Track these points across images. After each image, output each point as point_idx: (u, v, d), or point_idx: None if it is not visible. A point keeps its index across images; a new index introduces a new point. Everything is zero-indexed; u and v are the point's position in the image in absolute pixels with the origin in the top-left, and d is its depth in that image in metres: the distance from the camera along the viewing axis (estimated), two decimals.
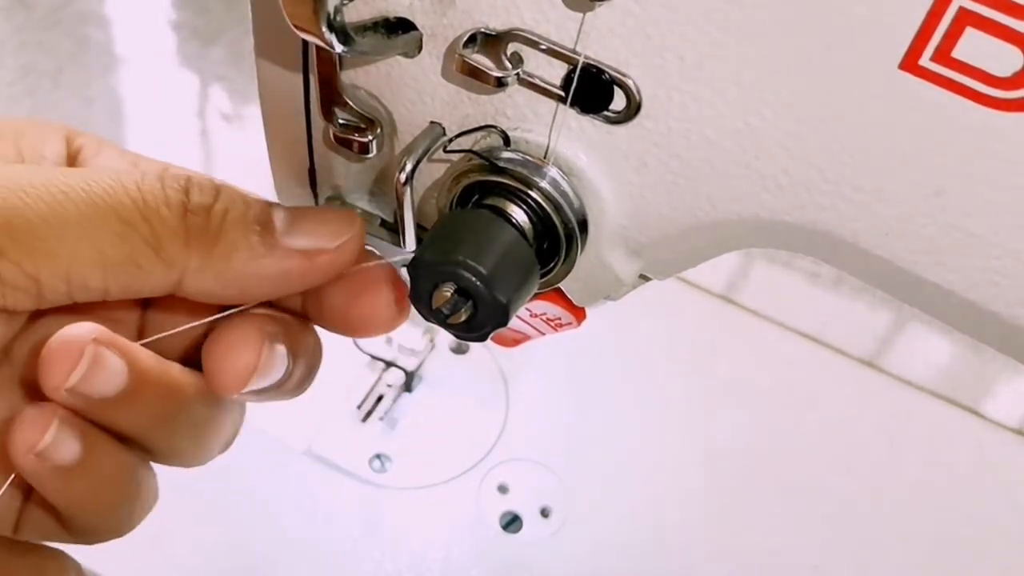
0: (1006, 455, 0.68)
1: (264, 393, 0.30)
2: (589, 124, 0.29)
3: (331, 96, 0.32)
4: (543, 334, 0.38)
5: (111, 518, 0.31)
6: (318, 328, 0.34)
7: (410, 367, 0.63)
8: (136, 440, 0.30)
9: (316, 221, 0.30)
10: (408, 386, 0.64)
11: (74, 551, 0.53)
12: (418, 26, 0.29)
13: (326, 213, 0.31)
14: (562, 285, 0.34)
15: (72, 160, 0.32)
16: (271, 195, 0.39)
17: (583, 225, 0.31)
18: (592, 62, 0.28)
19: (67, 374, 0.26)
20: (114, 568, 0.53)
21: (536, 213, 0.31)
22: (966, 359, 0.73)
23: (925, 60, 0.24)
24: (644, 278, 0.34)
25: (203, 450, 0.33)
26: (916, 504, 0.64)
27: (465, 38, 0.28)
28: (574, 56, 0.28)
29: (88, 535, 0.32)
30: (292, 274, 0.29)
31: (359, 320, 0.32)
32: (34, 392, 0.27)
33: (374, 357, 0.64)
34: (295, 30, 0.26)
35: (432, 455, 0.62)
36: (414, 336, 0.62)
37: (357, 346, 0.65)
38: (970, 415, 0.70)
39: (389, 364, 0.63)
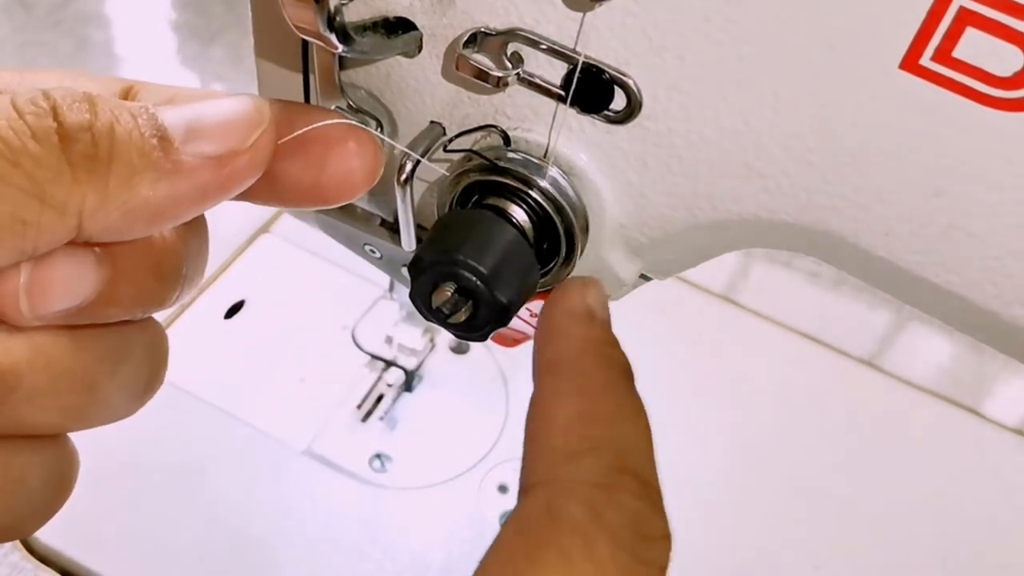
0: (1006, 454, 0.68)
1: (86, 313, 0.24)
2: (589, 124, 0.29)
3: (331, 96, 0.32)
4: None
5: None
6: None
7: (410, 367, 0.63)
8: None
9: (219, 117, 0.24)
10: (408, 386, 0.64)
11: (72, 550, 0.53)
12: (418, 26, 0.29)
13: (224, 104, 0.25)
14: None
15: None
16: None
17: (583, 225, 0.31)
18: (592, 62, 0.28)
19: None
20: (113, 567, 0.53)
21: (536, 213, 0.31)
22: (966, 359, 0.73)
23: (926, 60, 0.24)
24: (644, 278, 0.34)
25: (96, 413, 0.26)
26: (916, 503, 0.64)
27: (465, 38, 0.28)
28: (574, 56, 0.28)
29: None
30: (209, 188, 0.24)
31: (335, 188, 0.27)
32: None
33: (374, 356, 0.64)
34: (295, 30, 0.26)
35: (432, 455, 0.62)
36: (414, 336, 0.62)
37: (357, 345, 0.65)
38: (970, 415, 0.70)
39: (389, 364, 0.63)
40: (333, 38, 0.26)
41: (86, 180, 0.22)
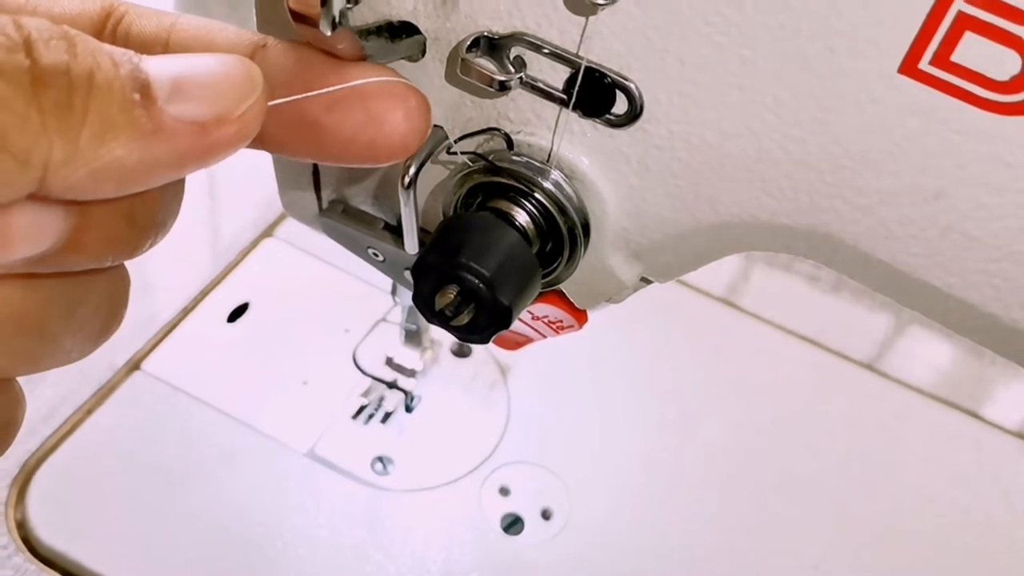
0: (1006, 458, 0.68)
1: (51, 261, 0.22)
2: (591, 127, 0.30)
3: None
4: (545, 337, 0.39)
5: None
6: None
7: (409, 388, 0.63)
8: None
9: (209, 77, 0.22)
10: (408, 407, 0.64)
11: (75, 552, 0.53)
12: (421, 30, 0.29)
13: (215, 63, 0.22)
14: (564, 288, 0.35)
15: None
16: (274, 197, 0.40)
17: (585, 228, 0.31)
18: (594, 66, 0.28)
19: None
20: (114, 567, 0.53)
21: (539, 216, 0.31)
22: (966, 362, 0.74)
23: (924, 64, 0.24)
24: (645, 281, 0.34)
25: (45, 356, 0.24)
26: (916, 506, 0.64)
27: (468, 42, 0.29)
28: (577, 60, 0.28)
29: None
30: (187, 156, 0.21)
31: (389, 147, 0.26)
32: None
33: (375, 379, 0.64)
34: (299, 33, 0.26)
35: (434, 457, 0.62)
36: (413, 357, 0.62)
37: (358, 368, 0.65)
38: (970, 418, 0.70)
39: (391, 385, 0.63)
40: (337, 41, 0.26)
41: (56, 130, 0.19)
